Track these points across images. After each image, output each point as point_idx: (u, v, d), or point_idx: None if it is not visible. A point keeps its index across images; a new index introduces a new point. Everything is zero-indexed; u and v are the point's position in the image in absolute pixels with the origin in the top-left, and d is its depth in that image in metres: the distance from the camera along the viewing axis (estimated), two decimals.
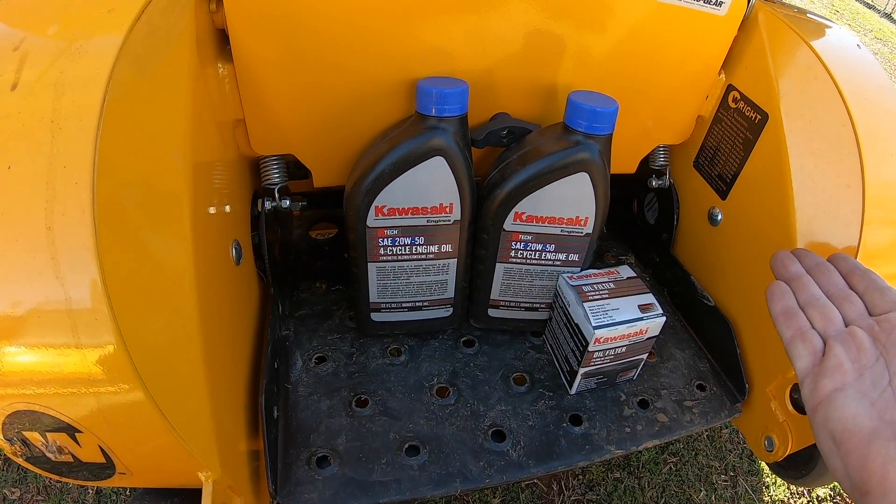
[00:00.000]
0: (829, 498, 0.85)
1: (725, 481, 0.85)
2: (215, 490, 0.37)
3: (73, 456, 0.34)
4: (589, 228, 0.54)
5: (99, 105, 0.31)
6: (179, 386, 0.35)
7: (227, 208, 0.47)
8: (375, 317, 0.60)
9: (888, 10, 3.45)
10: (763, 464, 0.87)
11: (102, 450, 0.34)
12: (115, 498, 0.79)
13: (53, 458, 0.35)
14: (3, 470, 0.81)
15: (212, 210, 0.42)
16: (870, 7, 3.51)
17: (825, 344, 0.37)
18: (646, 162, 0.69)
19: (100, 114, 0.30)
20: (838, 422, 0.31)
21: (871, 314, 0.37)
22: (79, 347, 0.29)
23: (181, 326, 0.35)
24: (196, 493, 0.37)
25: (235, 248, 0.49)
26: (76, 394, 0.31)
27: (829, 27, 0.57)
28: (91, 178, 0.29)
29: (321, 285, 0.69)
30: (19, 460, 0.34)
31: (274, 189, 0.58)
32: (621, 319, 0.52)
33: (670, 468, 0.85)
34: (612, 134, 0.49)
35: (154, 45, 0.37)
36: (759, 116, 0.56)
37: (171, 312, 0.34)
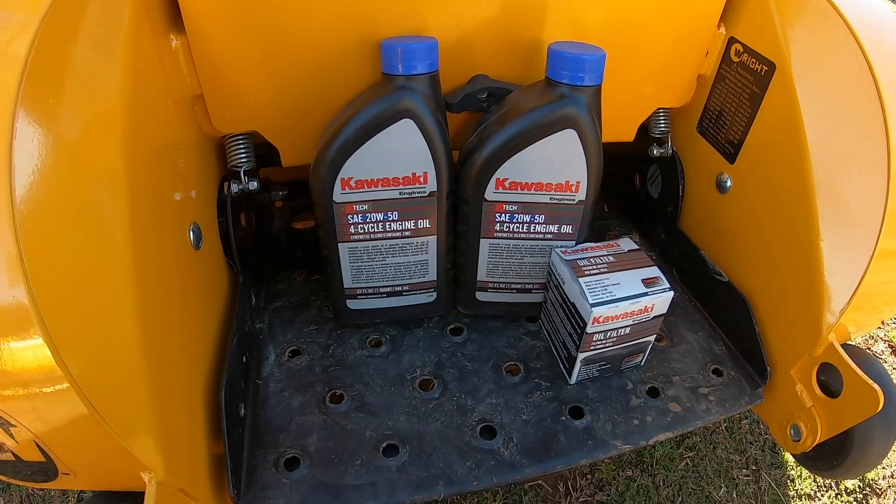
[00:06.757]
0: (858, 489, 0.79)
1: (747, 476, 0.80)
2: (159, 493, 0.34)
3: (13, 454, 0.33)
4: (582, 195, 0.49)
5: (18, 76, 0.29)
6: (113, 377, 0.32)
7: (186, 189, 0.45)
8: (352, 304, 0.55)
9: None
10: (787, 455, 0.82)
11: (39, 447, 0.32)
12: None
13: None
14: None
15: (163, 190, 0.40)
16: None
17: None
18: (645, 130, 0.64)
19: (19, 84, 0.28)
20: None
21: None
22: (2, 335, 0.27)
23: (115, 312, 0.33)
24: None
25: (194, 231, 0.46)
26: (3, 383, 0.28)
27: None
28: (8, 146, 0.27)
29: (299, 275, 0.65)
30: None
31: (240, 171, 0.54)
32: (623, 295, 0.47)
33: (687, 463, 0.81)
34: (600, 85, 0.44)
35: (91, 17, 0.35)
36: (765, 68, 0.52)
37: (103, 297, 0.32)
